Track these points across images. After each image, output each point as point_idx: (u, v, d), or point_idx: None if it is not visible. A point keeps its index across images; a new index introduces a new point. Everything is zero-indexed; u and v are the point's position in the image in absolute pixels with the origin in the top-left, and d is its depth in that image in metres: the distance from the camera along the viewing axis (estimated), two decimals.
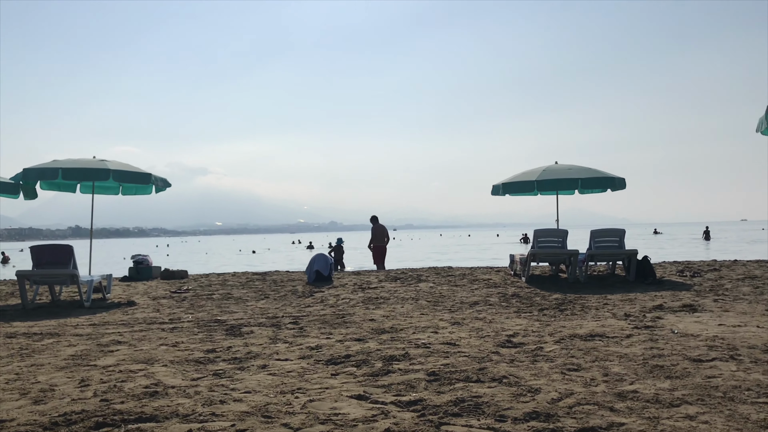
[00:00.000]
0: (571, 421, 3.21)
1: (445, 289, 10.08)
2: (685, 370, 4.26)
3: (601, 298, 8.61)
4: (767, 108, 7.46)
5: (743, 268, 12.18)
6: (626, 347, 5.15)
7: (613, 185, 12.21)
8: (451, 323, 6.77)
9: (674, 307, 7.51)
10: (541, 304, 8.16)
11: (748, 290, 8.96)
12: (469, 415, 3.38)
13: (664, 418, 3.22)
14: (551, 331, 6.04)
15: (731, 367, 4.34)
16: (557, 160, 13.00)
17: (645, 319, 6.70)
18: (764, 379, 3.96)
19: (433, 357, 4.94)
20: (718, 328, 6.00)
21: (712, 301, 8.04)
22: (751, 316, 6.70)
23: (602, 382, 4.02)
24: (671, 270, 12.28)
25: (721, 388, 3.78)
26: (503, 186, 12.65)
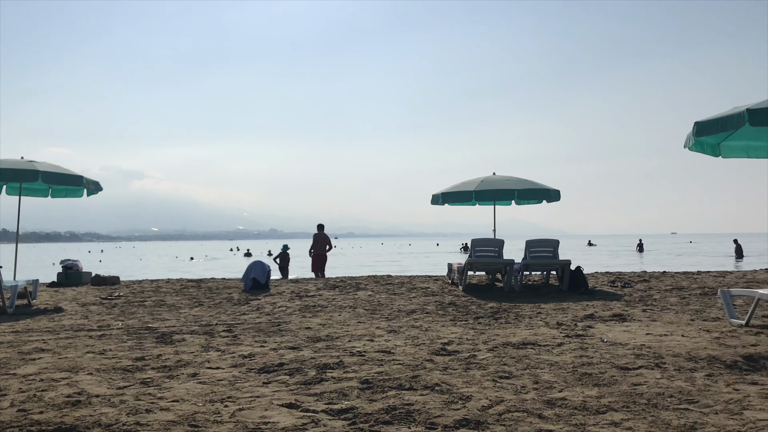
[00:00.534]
0: (500, 428, 3.24)
1: (384, 298, 10.08)
2: (613, 378, 4.36)
3: (535, 307, 8.76)
4: (694, 124, 7.74)
5: (671, 280, 12.61)
6: (557, 355, 5.25)
7: (548, 197, 12.48)
8: (387, 331, 6.76)
9: (605, 317, 7.70)
10: (477, 313, 8.25)
11: (675, 301, 9.26)
12: (400, 423, 3.37)
13: (591, 424, 3.28)
14: (485, 339, 6.11)
15: (656, 374, 4.46)
16: (495, 171, 13.21)
17: (576, 328, 6.84)
18: (686, 387, 4.08)
19: (367, 365, 4.92)
20: (646, 337, 6.17)
21: (641, 311, 8.27)
22: (677, 325, 6.92)
23: (532, 389, 4.08)
24: (603, 280, 12.61)
25: (645, 395, 3.88)
26: (443, 196, 12.77)
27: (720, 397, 3.78)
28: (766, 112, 7.03)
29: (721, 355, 5.18)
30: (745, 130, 8.54)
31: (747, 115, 7.02)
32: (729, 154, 9.06)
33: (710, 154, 8.94)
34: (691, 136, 8.02)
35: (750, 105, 7.22)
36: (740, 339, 5.89)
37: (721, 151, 9.00)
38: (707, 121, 7.63)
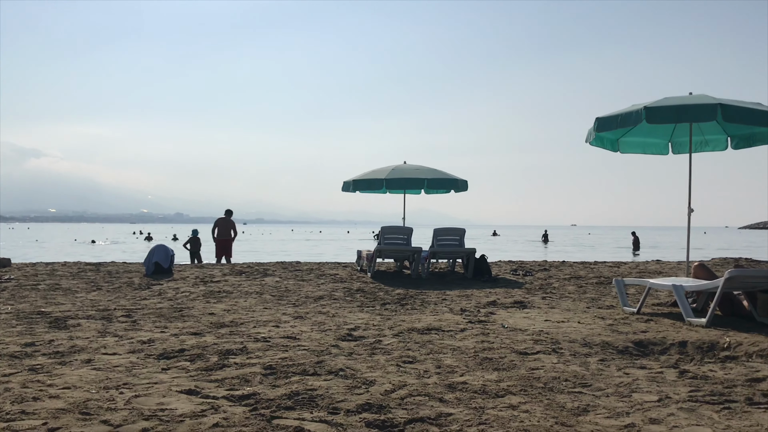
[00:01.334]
0: (402, 412, 3.26)
1: (291, 284, 9.99)
2: (512, 363, 4.49)
3: (441, 294, 8.91)
4: (595, 120, 8.04)
5: (570, 269, 13.14)
6: (460, 341, 5.35)
7: (456, 187, 12.71)
8: (294, 317, 6.70)
9: (506, 304, 7.92)
10: (384, 299, 8.31)
11: (573, 289, 9.65)
12: (303, 408, 3.34)
13: (489, 407, 3.36)
14: (391, 325, 6.15)
15: (553, 359, 4.62)
16: (406, 160, 13.32)
17: (479, 314, 7.00)
18: (581, 371, 4.25)
19: (271, 351, 4.86)
20: (544, 323, 6.39)
21: (541, 298, 8.56)
22: (574, 312, 7.20)
23: (435, 374, 4.14)
24: (506, 269, 12.99)
25: (542, 379, 4.01)
26: (354, 183, 12.77)
27: (611, 381, 3.96)
28: (662, 110, 7.39)
29: (613, 341, 5.43)
30: (642, 127, 8.95)
31: (644, 112, 7.36)
32: (627, 150, 9.48)
33: (609, 149, 9.33)
34: (592, 131, 8.34)
35: (648, 103, 7.57)
36: (632, 326, 6.19)
37: (619, 147, 9.41)
38: (607, 117, 7.95)
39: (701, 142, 9.16)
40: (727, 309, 6.85)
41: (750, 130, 8.63)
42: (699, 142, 9.15)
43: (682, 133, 9.16)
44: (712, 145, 9.19)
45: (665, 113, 7.39)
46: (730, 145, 9.07)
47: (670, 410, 3.29)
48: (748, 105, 7.40)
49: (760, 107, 7.38)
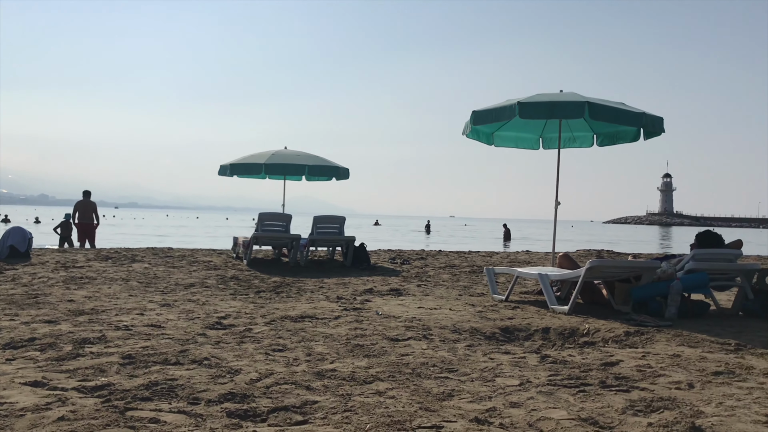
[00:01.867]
0: (266, 401, 3.16)
1: (161, 270, 9.58)
2: (383, 349, 4.49)
3: (318, 282, 8.84)
4: (472, 113, 8.22)
5: (445, 258, 13.45)
6: (333, 328, 5.30)
7: (338, 174, 12.65)
8: (160, 305, 6.40)
9: (383, 291, 7.97)
10: (259, 287, 8.13)
11: (447, 277, 9.86)
12: (161, 399, 3.16)
13: (356, 394, 3.33)
14: (264, 313, 6.01)
15: (422, 345, 4.67)
16: (287, 146, 13.11)
17: (355, 301, 6.99)
18: (448, 356, 4.31)
19: (132, 340, 4.59)
20: (418, 310, 6.47)
21: (416, 286, 8.69)
22: (446, 300, 7.34)
23: (304, 361, 4.06)
24: (385, 257, 13.11)
25: (411, 365, 4.03)
26: (231, 167, 12.41)
27: (477, 366, 4.04)
28: (533, 106, 7.65)
29: (481, 327, 5.57)
30: (515, 122, 9.26)
31: (518, 107, 7.59)
32: (501, 144, 9.78)
33: (485, 142, 9.58)
34: (468, 124, 8.52)
35: (521, 98, 7.82)
36: (499, 313, 6.39)
37: (494, 140, 9.69)
38: (483, 110, 8.14)
39: (569, 138, 9.60)
40: (588, 297, 7.22)
41: (614, 129, 9.13)
42: (567, 138, 9.59)
43: (552, 129, 9.56)
44: (579, 141, 9.65)
45: (537, 109, 7.66)
46: (596, 142, 9.56)
47: (530, 394, 3.39)
48: (613, 104, 7.81)
49: (623, 107, 7.81)
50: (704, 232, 7.15)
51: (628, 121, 7.75)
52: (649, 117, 7.81)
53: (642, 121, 7.76)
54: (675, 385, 3.59)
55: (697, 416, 2.99)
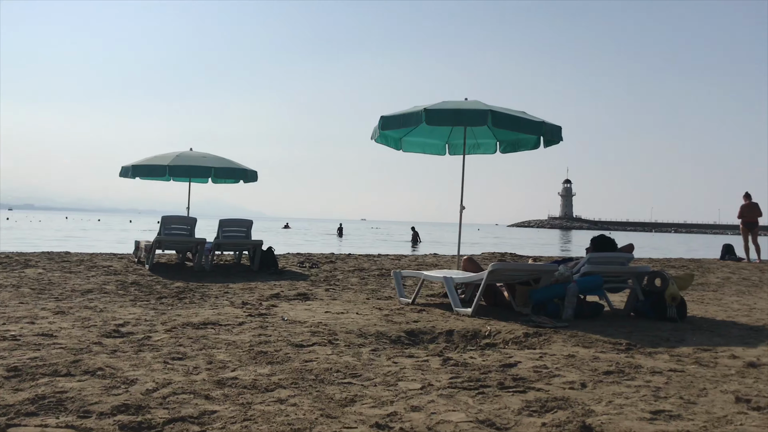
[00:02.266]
0: (162, 411, 3.06)
1: (57, 276, 9.13)
2: (287, 356, 4.44)
3: (223, 287, 8.66)
4: (380, 118, 8.29)
5: (355, 261, 13.48)
6: (236, 335, 5.21)
7: (245, 177, 12.45)
8: (54, 313, 6.09)
9: (290, 296, 7.90)
10: (161, 293, 7.88)
11: (355, 281, 9.89)
12: (47, 414, 3.00)
13: (257, 403, 3.27)
14: (165, 320, 5.83)
15: (327, 351, 4.66)
16: (192, 147, 12.79)
17: (261, 307, 6.90)
18: (353, 361, 4.32)
19: (20, 350, 4.35)
20: (324, 315, 6.44)
21: (324, 290, 8.66)
22: (354, 304, 7.36)
23: (205, 370, 3.96)
24: (294, 261, 13.00)
25: (314, 371, 4.01)
26: (133, 168, 11.97)
27: (380, 370, 4.06)
28: (439, 113, 7.80)
29: (387, 331, 5.62)
30: (422, 128, 9.38)
31: (424, 114, 7.72)
32: (409, 149, 9.91)
33: (393, 147, 9.69)
34: (377, 129, 8.59)
35: (428, 105, 7.96)
36: (405, 316, 6.46)
37: (402, 146, 9.81)
38: (391, 116, 8.23)
39: (474, 145, 9.84)
40: (490, 299, 7.42)
41: (516, 137, 9.43)
42: (472, 144, 9.82)
43: (458, 136, 9.77)
44: (483, 148, 9.91)
45: (442, 116, 7.83)
46: (499, 149, 9.85)
47: (431, 397, 3.44)
48: (514, 113, 8.06)
49: (524, 116, 8.08)
50: (599, 236, 7.48)
51: (528, 129, 8.03)
52: (548, 126, 8.12)
53: (541, 129, 8.06)
54: (569, 385, 3.74)
55: (587, 415, 3.13)
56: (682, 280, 7.15)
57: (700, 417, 3.14)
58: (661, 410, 3.23)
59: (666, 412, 3.20)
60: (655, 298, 6.79)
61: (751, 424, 3.04)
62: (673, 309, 6.60)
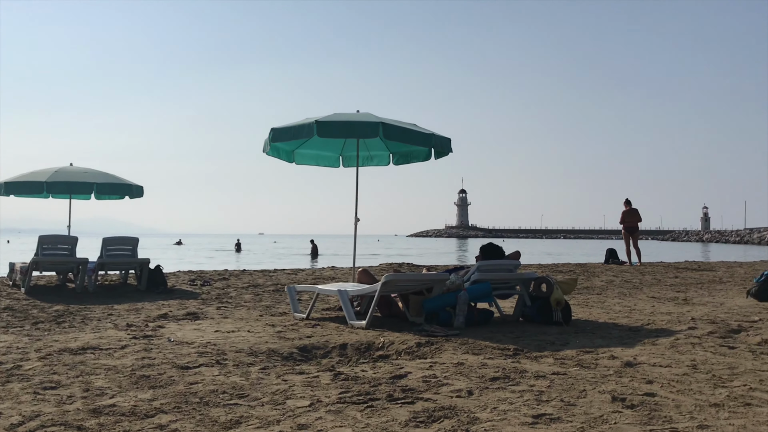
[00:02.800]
0: None
1: None
2: (171, 379, 4.25)
3: (107, 309, 8.25)
4: (270, 130, 8.16)
5: (249, 277, 13.20)
6: (118, 359, 4.94)
7: (130, 192, 11.95)
8: None
9: (178, 316, 7.61)
10: (38, 317, 7.40)
11: (249, 298, 9.67)
12: None
13: (135, 430, 3.11)
14: (39, 347, 5.46)
15: (214, 372, 4.50)
16: (72, 162, 12.15)
17: (147, 328, 6.60)
18: (240, 381, 4.19)
19: None
20: (214, 334, 6.24)
21: (216, 308, 8.41)
22: (246, 321, 7.18)
23: (80, 398, 3.73)
24: (184, 279, 12.57)
25: (199, 393, 3.86)
26: (6, 185, 11.22)
27: (269, 389, 3.96)
28: (331, 125, 7.77)
29: (279, 348, 5.51)
30: (315, 140, 9.34)
31: (316, 126, 7.66)
32: (302, 161, 9.82)
33: (285, 159, 9.57)
34: (268, 142, 8.44)
35: (319, 117, 7.91)
36: (299, 331, 6.36)
37: (295, 158, 9.70)
38: (282, 128, 8.12)
39: (367, 157, 9.88)
40: (385, 310, 7.45)
41: (407, 148, 9.54)
42: (365, 157, 9.86)
43: (351, 148, 9.77)
44: (376, 160, 9.96)
45: (334, 128, 7.80)
46: (392, 161, 9.93)
47: (319, 414, 3.38)
48: (405, 125, 8.15)
49: (415, 128, 8.18)
50: (487, 245, 7.67)
51: (419, 141, 8.14)
52: (438, 138, 8.26)
53: (432, 141, 8.19)
54: (456, 393, 3.78)
55: (472, 423, 3.16)
56: (566, 284, 7.45)
57: (578, 418, 3.24)
58: (543, 414, 3.32)
59: (547, 415, 3.29)
60: (541, 303, 7.03)
61: (624, 422, 3.18)
62: (559, 313, 6.85)
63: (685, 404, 3.52)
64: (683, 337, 5.92)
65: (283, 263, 26.77)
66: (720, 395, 3.74)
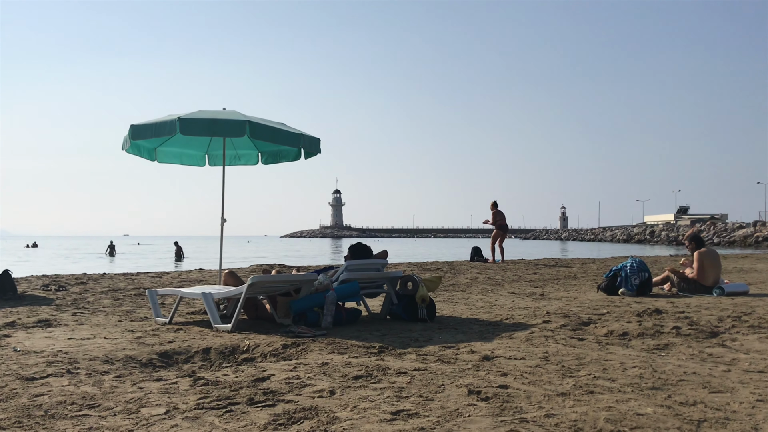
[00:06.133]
0: None
1: None
2: (13, 391, 3.96)
3: None
4: (130, 127, 7.79)
5: (110, 281, 12.56)
6: None
7: None
8: None
9: (28, 323, 7.10)
10: None
11: (109, 302, 9.19)
12: None
13: None
14: None
15: (63, 382, 4.23)
16: None
17: None
18: (92, 391, 3.97)
19: None
20: (67, 342, 5.88)
21: (71, 314, 7.92)
22: (103, 327, 6.82)
23: None
24: (37, 284, 11.76)
25: (45, 405, 3.61)
26: None
27: (122, 398, 3.78)
28: (195, 122, 7.54)
29: (138, 354, 5.27)
30: (178, 138, 9.03)
31: (178, 123, 7.41)
32: (164, 160, 9.46)
33: (147, 158, 9.19)
34: (127, 139, 8.07)
35: (182, 114, 7.65)
36: (160, 336, 6.13)
37: (157, 156, 9.34)
38: (142, 125, 7.79)
39: (234, 156, 9.69)
40: (252, 313, 7.33)
41: (276, 148, 9.45)
42: (232, 155, 9.66)
43: (217, 147, 9.55)
44: (244, 159, 9.79)
45: (198, 126, 7.57)
46: (261, 161, 9.80)
47: (175, 421, 3.27)
48: (273, 125, 8.06)
49: (284, 127, 8.11)
50: (355, 244, 7.75)
51: (287, 141, 8.08)
52: (306, 138, 8.24)
53: (300, 141, 8.16)
54: (318, 393, 3.78)
55: (332, 422, 3.17)
56: (430, 282, 7.66)
57: (435, 413, 3.34)
58: (402, 410, 3.39)
59: (405, 411, 3.37)
60: (407, 300, 7.19)
61: (477, 415, 3.31)
62: (424, 310, 7.04)
63: (535, 395, 3.72)
64: (538, 330, 6.26)
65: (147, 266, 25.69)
66: (567, 385, 3.99)
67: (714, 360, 4.84)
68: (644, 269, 9.77)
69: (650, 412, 3.36)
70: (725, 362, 4.75)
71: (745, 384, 4.04)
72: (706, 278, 9.77)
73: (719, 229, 67.87)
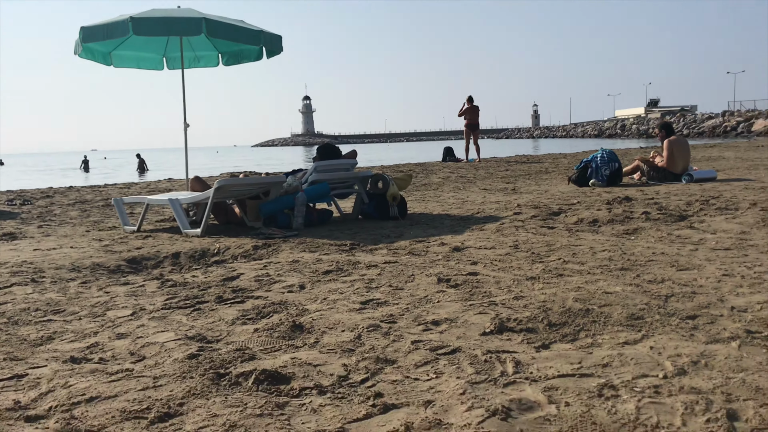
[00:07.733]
0: None
1: None
2: None
3: None
4: (80, 29, 7.38)
5: (77, 194, 12.32)
6: None
7: None
8: None
9: None
10: None
11: (76, 214, 9.02)
12: None
13: None
14: None
15: (27, 290, 4.15)
16: None
17: None
18: (57, 297, 3.89)
19: None
20: (33, 253, 5.76)
21: (37, 227, 7.76)
22: (70, 238, 6.69)
23: None
24: (1, 199, 11.51)
25: (8, 313, 3.53)
26: None
27: (88, 302, 3.72)
28: (148, 22, 7.15)
29: (105, 261, 5.18)
30: (134, 40, 8.63)
31: (131, 24, 7.03)
32: (120, 64, 9.06)
33: (102, 62, 8.78)
34: (79, 43, 7.67)
35: (134, 14, 7.25)
36: (128, 244, 6.03)
37: (112, 60, 8.93)
38: (93, 27, 7.38)
39: (193, 57, 9.30)
40: (222, 218, 7.24)
41: (237, 47, 9.07)
42: (191, 57, 9.28)
43: (175, 49, 9.14)
44: (204, 61, 9.41)
45: (152, 25, 7.19)
46: (221, 62, 9.43)
47: (141, 322, 3.22)
48: (231, 21, 7.69)
49: (242, 24, 7.76)
50: (324, 145, 7.60)
51: (247, 39, 7.74)
52: (267, 35, 7.90)
53: (261, 39, 7.82)
54: (288, 288, 3.75)
55: (301, 314, 3.15)
56: (401, 180, 7.58)
57: (404, 300, 3.33)
58: (371, 299, 3.37)
59: (375, 300, 3.36)
60: (378, 199, 7.13)
61: (447, 300, 3.30)
62: (395, 208, 7.00)
63: (504, 280, 3.73)
64: (508, 222, 6.27)
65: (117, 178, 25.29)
66: (536, 269, 4.00)
67: (682, 241, 4.89)
68: (614, 159, 9.79)
69: (619, 290, 3.38)
70: (693, 242, 4.81)
71: (711, 261, 4.09)
72: (675, 166, 9.83)
73: (689, 120, 68.41)
